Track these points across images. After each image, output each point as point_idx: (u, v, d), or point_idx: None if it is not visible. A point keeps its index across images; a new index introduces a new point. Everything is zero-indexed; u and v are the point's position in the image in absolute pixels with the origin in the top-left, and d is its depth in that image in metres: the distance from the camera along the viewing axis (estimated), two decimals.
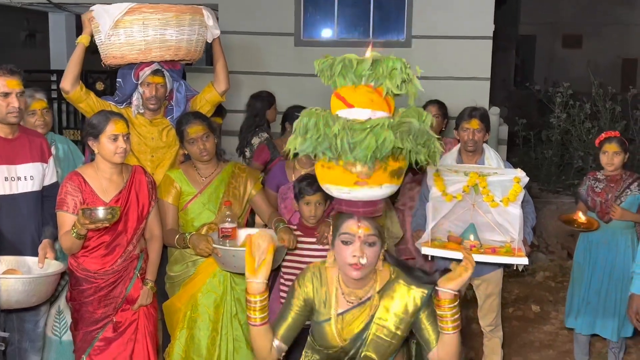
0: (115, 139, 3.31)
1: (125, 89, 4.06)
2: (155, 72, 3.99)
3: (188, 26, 3.94)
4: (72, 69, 3.92)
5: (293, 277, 3.54)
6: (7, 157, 3.40)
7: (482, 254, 3.71)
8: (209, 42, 4.18)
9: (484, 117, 4.12)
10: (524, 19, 16.73)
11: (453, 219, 3.88)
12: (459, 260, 3.56)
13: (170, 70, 4.11)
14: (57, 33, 10.46)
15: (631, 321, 3.52)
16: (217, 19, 7.40)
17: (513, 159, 5.75)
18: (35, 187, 3.51)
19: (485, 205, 3.81)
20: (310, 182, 3.54)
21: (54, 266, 3.34)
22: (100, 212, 3.11)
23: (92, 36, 3.98)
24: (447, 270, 2.31)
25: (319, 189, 3.52)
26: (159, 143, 4.11)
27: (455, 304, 2.27)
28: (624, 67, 16.38)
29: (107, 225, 3.18)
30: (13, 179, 3.42)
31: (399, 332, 2.42)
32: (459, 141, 4.23)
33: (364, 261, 2.32)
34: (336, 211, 2.41)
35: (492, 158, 4.12)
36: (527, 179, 3.83)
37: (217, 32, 4.15)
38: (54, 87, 8.78)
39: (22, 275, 3.20)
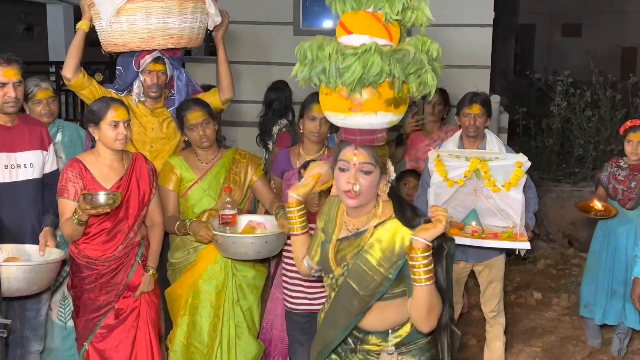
0: (116, 125, 3.30)
1: (125, 77, 4.02)
2: (156, 60, 3.97)
3: (190, 14, 3.90)
4: (73, 55, 3.87)
5: (294, 265, 3.54)
6: (7, 145, 3.38)
7: (483, 239, 3.70)
8: (210, 29, 4.15)
9: (485, 103, 4.10)
10: (523, 8, 16.66)
11: (455, 205, 3.86)
12: (460, 245, 3.58)
13: (171, 58, 4.08)
14: (55, 25, 10.42)
15: (634, 305, 3.51)
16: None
17: (514, 148, 5.72)
18: (35, 174, 3.49)
19: (486, 190, 3.79)
20: None
21: (54, 254, 3.33)
22: (101, 197, 3.11)
23: (92, 23, 3.92)
24: (430, 221, 2.29)
25: None
26: (159, 134, 4.09)
27: (428, 254, 2.22)
28: (623, 56, 16.36)
29: (108, 210, 3.18)
30: (13, 166, 3.40)
31: (381, 270, 2.36)
32: (460, 127, 4.22)
33: (357, 188, 2.32)
34: (339, 140, 2.44)
35: (494, 143, 4.10)
36: (529, 163, 3.81)
37: (219, 19, 4.10)
38: (52, 78, 8.76)
39: (22, 262, 3.20)
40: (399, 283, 2.39)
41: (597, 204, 4.38)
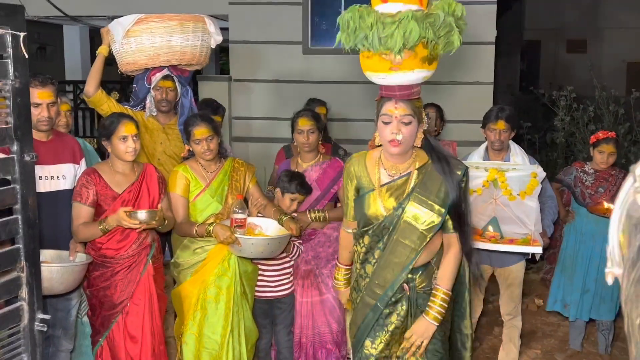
0: (125, 139, 3.61)
1: (139, 93, 4.46)
2: (165, 77, 4.41)
3: (192, 33, 4.29)
4: (94, 76, 4.35)
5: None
6: (42, 158, 3.55)
7: (500, 244, 3.93)
8: (213, 47, 4.53)
9: (509, 118, 4.24)
10: (529, 25, 16.90)
11: (476, 213, 4.04)
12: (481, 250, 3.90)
13: (179, 77, 4.48)
14: (71, 45, 10.72)
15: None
16: (228, 29, 7.65)
17: None
18: (68, 185, 3.74)
19: (504, 199, 4.00)
20: (291, 179, 4.07)
21: (79, 258, 3.60)
22: (143, 214, 3.47)
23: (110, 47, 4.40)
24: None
25: (301, 189, 4.03)
26: (167, 149, 4.49)
27: None
28: (628, 71, 16.48)
29: (151, 226, 3.53)
30: (47, 177, 3.65)
31: (435, 205, 2.77)
32: (453, 142, 4.46)
33: (399, 137, 2.70)
34: (379, 96, 2.78)
35: (518, 154, 4.29)
36: (544, 174, 4.02)
37: (220, 38, 4.49)
38: (70, 97, 9.05)
39: (47, 264, 3.35)
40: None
41: (611, 206, 4.55)
